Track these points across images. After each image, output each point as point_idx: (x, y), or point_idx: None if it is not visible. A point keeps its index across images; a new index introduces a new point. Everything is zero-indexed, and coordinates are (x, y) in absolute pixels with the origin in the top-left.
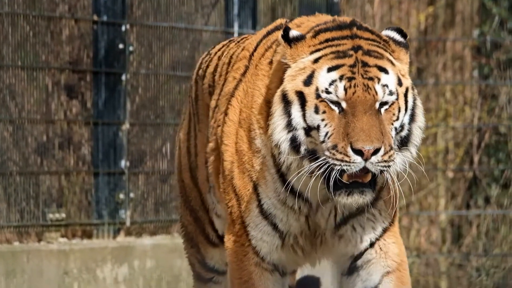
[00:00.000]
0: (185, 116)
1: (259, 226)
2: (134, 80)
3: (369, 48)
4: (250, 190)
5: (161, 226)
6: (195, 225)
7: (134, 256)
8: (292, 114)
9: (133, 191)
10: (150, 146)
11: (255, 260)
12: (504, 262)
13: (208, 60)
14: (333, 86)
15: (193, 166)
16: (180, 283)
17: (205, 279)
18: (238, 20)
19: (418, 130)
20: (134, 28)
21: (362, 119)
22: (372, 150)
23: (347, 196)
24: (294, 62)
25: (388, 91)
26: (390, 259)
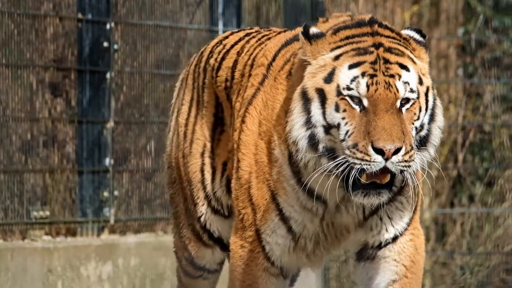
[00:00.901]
0: (183, 102)
1: (277, 232)
2: (119, 78)
3: (390, 45)
4: (268, 200)
5: (145, 224)
6: (186, 219)
7: (118, 254)
8: (311, 112)
9: (117, 189)
10: (135, 144)
11: (264, 266)
12: (488, 260)
13: (223, 51)
14: (354, 83)
15: (186, 152)
16: (164, 281)
17: (192, 276)
18: (223, 19)
19: (437, 130)
20: (119, 26)
21: (384, 117)
22: (393, 149)
23: (363, 196)
24: (315, 59)
25: (409, 88)
26: (401, 264)
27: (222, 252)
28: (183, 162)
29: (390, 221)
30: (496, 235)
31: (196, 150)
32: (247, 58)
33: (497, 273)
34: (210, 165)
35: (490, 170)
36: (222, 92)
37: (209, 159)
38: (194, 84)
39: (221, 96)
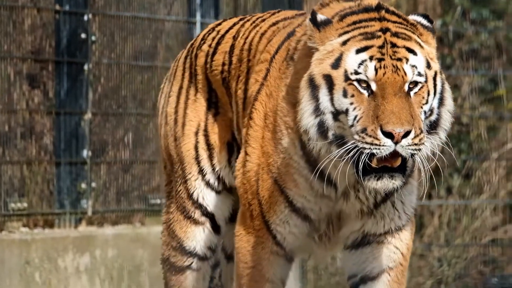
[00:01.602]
0: (170, 94)
1: (290, 222)
2: (97, 69)
3: (397, 30)
4: (275, 192)
5: (123, 216)
6: (175, 205)
7: (96, 246)
8: (320, 99)
9: (95, 181)
10: (112, 136)
11: (272, 249)
12: (466, 252)
13: (217, 36)
14: (362, 67)
15: (178, 135)
16: (142, 273)
17: (182, 268)
18: (201, 10)
19: (447, 114)
20: (97, 17)
21: (392, 101)
22: (403, 132)
23: (376, 180)
24: (323, 45)
25: (417, 72)
26: (400, 251)
27: (213, 233)
28: (175, 145)
29: (402, 207)
30: (473, 227)
31: (190, 131)
32: (243, 42)
33: (474, 265)
34: (205, 143)
35: (468, 162)
36: (218, 76)
37: (203, 137)
38: (183, 75)
39: (215, 82)
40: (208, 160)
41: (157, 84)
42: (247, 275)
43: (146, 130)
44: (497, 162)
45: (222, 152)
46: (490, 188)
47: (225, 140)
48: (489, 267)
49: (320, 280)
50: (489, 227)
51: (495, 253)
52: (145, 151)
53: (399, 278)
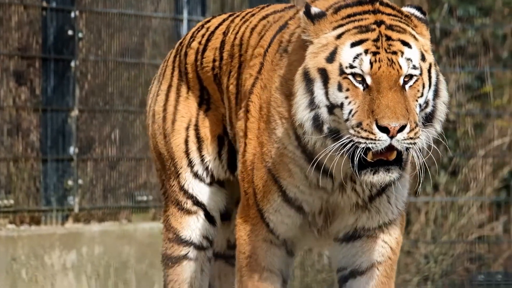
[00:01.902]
0: (159, 92)
1: (281, 211)
2: (83, 66)
3: (392, 22)
4: (268, 181)
5: (109, 213)
6: (170, 201)
7: (82, 243)
8: (314, 92)
9: (81, 178)
10: (99, 132)
11: (264, 236)
12: (453, 249)
13: (207, 33)
14: (357, 60)
15: (167, 132)
16: (128, 270)
17: (178, 258)
18: (188, 7)
19: (442, 106)
20: (83, 14)
21: (387, 95)
22: (398, 127)
23: (372, 174)
24: (317, 38)
25: (412, 65)
26: (388, 246)
27: (207, 222)
28: (164, 142)
29: (395, 201)
30: (460, 224)
31: (180, 126)
32: (233, 37)
33: (461, 262)
34: (195, 136)
35: (455, 159)
36: (209, 73)
37: (194, 131)
38: (173, 73)
39: (206, 79)
40: (197, 151)
41: (144, 81)
42: (245, 265)
43: (133, 127)
44: (483, 159)
45: (213, 145)
46: (476, 185)
47: (215, 133)
48: (475, 264)
49: (306, 276)
50: (476, 224)
51: (482, 250)
52: (131, 148)
53: (388, 272)
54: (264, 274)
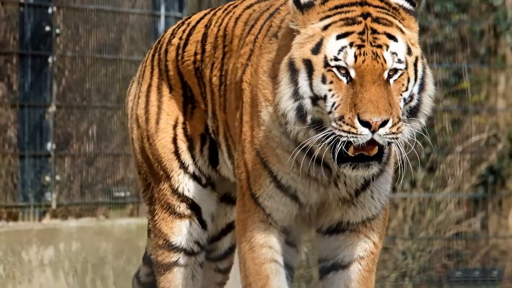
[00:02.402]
0: (140, 95)
1: (275, 198)
2: (61, 62)
3: (378, 15)
4: (258, 165)
5: (87, 209)
6: (159, 204)
7: (60, 239)
8: (299, 83)
9: (59, 174)
10: (77, 128)
11: (263, 218)
12: (430, 245)
13: (188, 28)
14: (342, 53)
15: (151, 133)
16: (106, 266)
17: (169, 265)
18: (165, 3)
19: (428, 99)
20: (61, 10)
21: (371, 89)
22: (380, 122)
23: (352, 169)
24: (304, 28)
25: (397, 59)
26: (371, 241)
27: (199, 227)
28: (149, 145)
29: (378, 196)
30: (437, 220)
31: (167, 124)
32: (217, 29)
33: (438, 258)
34: (184, 135)
35: (432, 155)
36: (190, 67)
37: (182, 130)
38: (152, 73)
39: (187, 73)
40: (188, 151)
41: (121, 77)
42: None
43: (110, 123)
44: (461, 155)
45: (198, 143)
46: (454, 181)
47: (199, 132)
48: (453, 261)
49: None
50: (453, 220)
51: (459, 246)
52: (109, 144)
53: (370, 266)
54: (263, 250)
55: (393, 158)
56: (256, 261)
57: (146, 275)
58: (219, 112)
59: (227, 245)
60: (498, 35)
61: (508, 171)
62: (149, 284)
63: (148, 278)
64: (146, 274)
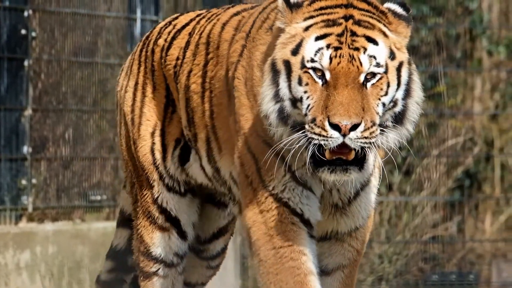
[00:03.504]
0: (126, 89)
1: (296, 191)
2: (37, 66)
3: (361, 18)
4: (269, 154)
5: (63, 212)
6: (141, 209)
7: (36, 242)
8: (279, 85)
9: (35, 177)
10: (53, 132)
11: (292, 220)
12: (407, 249)
13: (173, 31)
14: (318, 55)
15: (135, 137)
16: (82, 269)
17: (149, 274)
18: (141, 6)
19: (414, 106)
20: (37, 13)
21: (343, 92)
22: (350, 125)
23: (330, 173)
24: (288, 27)
25: (375, 62)
26: (354, 249)
27: (179, 239)
28: (134, 148)
29: (365, 207)
30: (414, 224)
31: (146, 131)
32: (198, 37)
33: (415, 262)
34: (160, 144)
35: (408, 159)
36: (171, 70)
37: (159, 137)
38: (139, 69)
39: (168, 76)
40: (162, 162)
41: (97, 80)
42: (277, 263)
43: (86, 126)
44: (437, 159)
45: (170, 150)
46: (430, 185)
47: (174, 137)
48: (429, 264)
49: None
50: (430, 224)
51: (436, 250)
52: (85, 148)
53: (352, 273)
54: (303, 258)
55: (378, 169)
56: (297, 272)
57: (108, 271)
58: (200, 118)
59: (219, 247)
60: (474, 39)
61: (484, 174)
62: (109, 283)
63: (109, 275)
64: (108, 270)
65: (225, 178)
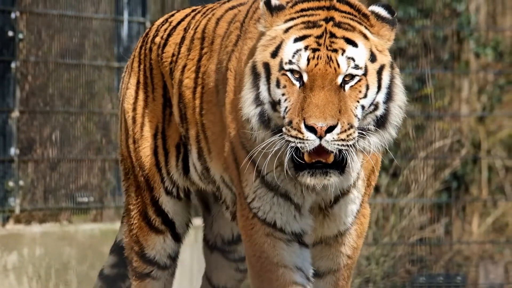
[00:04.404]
0: (128, 86)
1: (265, 198)
2: (24, 67)
3: (341, 20)
4: (247, 161)
5: (50, 214)
6: (138, 208)
7: (24, 244)
8: (260, 88)
9: (22, 179)
10: (40, 133)
11: (263, 231)
12: (394, 251)
13: (169, 28)
14: (296, 56)
15: (136, 137)
16: (69, 271)
17: (142, 275)
18: (128, 8)
19: (397, 109)
20: (24, 15)
21: (319, 94)
22: (325, 127)
23: (310, 176)
24: (269, 30)
25: (354, 64)
26: (345, 254)
27: (173, 242)
28: (134, 148)
29: (348, 212)
30: (401, 226)
31: (148, 133)
32: (193, 32)
33: (402, 264)
34: (163, 148)
35: (395, 161)
36: (167, 67)
37: (161, 140)
38: (139, 67)
39: (165, 73)
40: (165, 166)
41: (84, 82)
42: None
43: (74, 128)
44: (424, 161)
45: (173, 156)
46: (417, 187)
47: (174, 142)
48: (416, 266)
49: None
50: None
51: (423, 252)
52: (72, 149)
53: (345, 276)
54: (280, 270)
55: (362, 181)
56: (275, 284)
57: (111, 266)
58: (192, 114)
59: None
60: (462, 41)
61: (472, 176)
62: (112, 278)
63: (112, 270)
64: (111, 265)
65: (214, 178)
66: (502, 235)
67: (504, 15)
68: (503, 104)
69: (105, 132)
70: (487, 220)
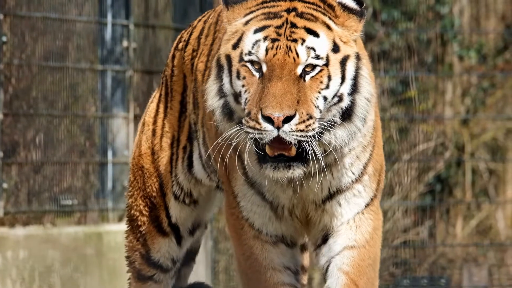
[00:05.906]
0: (152, 99)
1: (247, 196)
2: (7, 70)
3: (304, 10)
4: (233, 157)
5: (34, 217)
6: (148, 214)
7: (7, 247)
8: (223, 80)
9: (6, 182)
10: (23, 136)
11: (252, 233)
12: None
13: (190, 31)
14: (255, 47)
15: (156, 149)
16: (53, 274)
17: (145, 277)
18: (112, 11)
19: (363, 101)
20: (8, 18)
21: (277, 84)
22: (282, 117)
23: (273, 169)
24: (229, 25)
25: (314, 54)
26: (360, 234)
27: (176, 245)
28: (153, 159)
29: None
30: (385, 228)
31: (166, 144)
32: (211, 20)
33: (386, 267)
34: (176, 154)
35: None
36: (188, 65)
37: (176, 148)
38: (163, 79)
39: (187, 72)
40: (174, 169)
41: (68, 84)
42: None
43: (57, 130)
44: (408, 163)
45: (180, 159)
46: (401, 189)
47: (183, 145)
48: (400, 269)
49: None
50: (401, 228)
51: (407, 254)
52: (56, 152)
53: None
54: (268, 273)
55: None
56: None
57: None
58: (201, 98)
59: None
60: (445, 43)
61: (455, 179)
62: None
63: None
64: None
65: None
66: (486, 238)
67: (487, 18)
68: (487, 106)
69: (89, 135)
70: (471, 223)
